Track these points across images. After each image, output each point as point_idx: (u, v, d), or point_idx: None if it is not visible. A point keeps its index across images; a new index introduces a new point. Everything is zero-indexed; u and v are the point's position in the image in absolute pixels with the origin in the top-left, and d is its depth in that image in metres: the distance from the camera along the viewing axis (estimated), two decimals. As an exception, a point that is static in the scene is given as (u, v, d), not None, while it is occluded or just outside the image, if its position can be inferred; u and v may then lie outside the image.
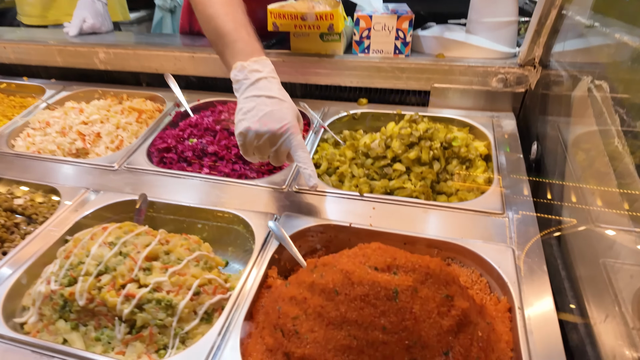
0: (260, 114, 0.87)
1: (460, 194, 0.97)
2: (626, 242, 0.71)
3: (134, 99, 1.45)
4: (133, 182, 1.07)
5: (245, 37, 0.94)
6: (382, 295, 0.59)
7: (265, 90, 0.89)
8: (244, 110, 0.89)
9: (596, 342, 0.68)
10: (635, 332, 0.60)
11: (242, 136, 0.89)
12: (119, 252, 0.76)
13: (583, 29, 1.04)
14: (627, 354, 0.63)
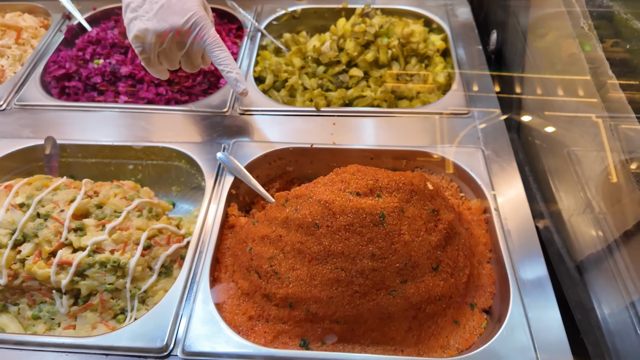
0: (156, 7, 0.68)
1: (422, 96, 0.89)
2: (593, 129, 0.70)
3: (6, 14, 1.10)
4: (31, 123, 0.85)
5: None
6: (368, 222, 0.52)
7: None
8: (133, 6, 0.69)
9: (568, 235, 0.71)
10: (610, 226, 0.61)
11: (139, 40, 0.69)
12: (35, 214, 0.61)
13: None
14: (595, 245, 0.66)
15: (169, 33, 0.68)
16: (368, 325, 0.56)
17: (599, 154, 0.69)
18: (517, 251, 0.65)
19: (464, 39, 1.01)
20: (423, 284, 0.55)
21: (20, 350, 0.56)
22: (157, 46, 0.69)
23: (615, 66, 0.69)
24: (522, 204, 0.71)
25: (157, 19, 0.67)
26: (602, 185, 0.68)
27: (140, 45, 0.69)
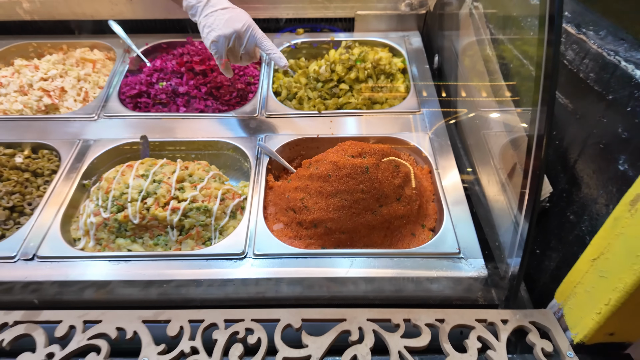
0: (223, 21, 1.06)
1: (389, 101, 1.31)
2: (495, 117, 1.13)
3: (77, 49, 1.47)
4: (119, 128, 1.21)
5: None
6: (359, 171, 0.92)
7: (218, 5, 1.09)
8: (208, 25, 1.07)
9: (481, 185, 1.12)
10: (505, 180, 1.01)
11: (214, 44, 1.07)
12: (152, 180, 0.98)
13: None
14: (496, 190, 1.06)
15: (232, 35, 1.06)
16: (361, 234, 0.96)
17: (498, 134, 1.11)
18: (450, 195, 1.05)
19: (417, 60, 1.43)
20: (392, 207, 0.95)
21: (150, 261, 0.92)
22: (226, 45, 1.07)
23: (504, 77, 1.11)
24: (453, 167, 1.12)
25: (225, 28, 1.05)
26: (500, 153, 1.10)
27: (215, 47, 1.07)
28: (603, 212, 0.78)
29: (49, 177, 1.12)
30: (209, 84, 1.29)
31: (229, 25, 1.05)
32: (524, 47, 1.11)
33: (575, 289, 0.82)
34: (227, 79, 1.30)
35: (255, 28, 1.08)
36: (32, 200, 1.06)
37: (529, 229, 0.76)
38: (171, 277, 0.90)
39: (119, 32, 1.39)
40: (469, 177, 1.16)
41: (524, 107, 1.01)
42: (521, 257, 0.81)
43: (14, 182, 1.06)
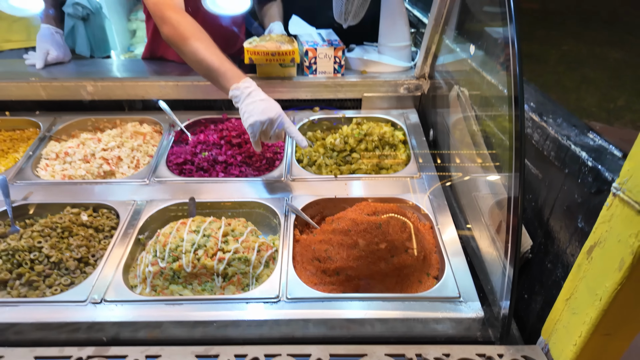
0: (260, 110, 1.33)
1: (393, 167, 1.55)
2: (482, 181, 1.36)
3: (128, 123, 1.74)
4: (167, 191, 1.44)
5: (229, 67, 1.39)
6: (373, 227, 1.13)
7: (257, 97, 1.36)
8: (248, 111, 1.34)
9: (475, 239, 1.32)
10: (494, 234, 1.22)
11: (251, 127, 1.34)
12: (203, 234, 1.18)
13: (450, 51, 1.68)
14: (487, 243, 1.27)
15: (266, 121, 1.32)
16: (376, 280, 1.14)
17: (486, 196, 1.34)
18: (449, 247, 1.25)
19: (415, 133, 1.70)
20: (401, 258, 1.15)
21: (199, 304, 1.10)
22: (261, 128, 1.33)
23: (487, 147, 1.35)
24: (450, 223, 1.33)
25: (261, 115, 1.32)
26: (489, 212, 1.31)
27: (252, 129, 1.34)
28: (571, 261, 0.98)
29: (109, 233, 1.32)
30: (243, 153, 1.54)
31: (265, 113, 1.32)
32: (502, 123, 1.37)
33: (555, 326, 0.99)
34: (258, 149, 1.55)
35: (284, 117, 1.35)
36: (96, 252, 1.25)
37: (514, 274, 0.96)
38: (217, 317, 1.07)
39: (166, 110, 1.67)
40: (464, 232, 1.36)
41: (504, 173, 1.25)
42: (509, 299, 0.99)
43: (81, 237, 1.26)
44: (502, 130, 1.31)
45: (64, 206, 1.36)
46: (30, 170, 1.50)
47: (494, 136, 1.35)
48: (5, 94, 1.75)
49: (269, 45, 1.62)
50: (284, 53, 1.63)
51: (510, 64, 0.97)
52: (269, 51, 1.61)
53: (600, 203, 0.81)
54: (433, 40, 1.61)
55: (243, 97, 1.35)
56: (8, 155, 1.62)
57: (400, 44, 1.84)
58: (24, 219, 1.36)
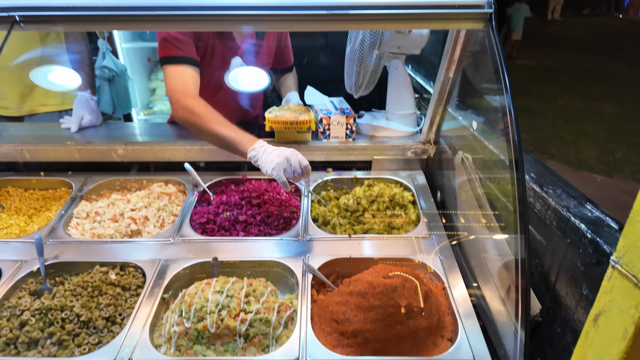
0: (276, 155, 1.50)
1: (404, 227, 1.64)
2: (490, 242, 1.43)
3: (154, 184, 1.86)
4: (191, 249, 1.52)
5: (243, 135, 1.57)
6: (389, 290, 1.19)
7: (270, 150, 1.52)
8: (267, 162, 1.51)
9: (485, 300, 1.37)
10: (504, 296, 1.28)
11: (274, 170, 1.50)
12: (226, 295, 1.24)
13: (453, 119, 1.82)
14: (498, 305, 1.32)
15: (284, 160, 1.49)
16: (393, 343, 1.18)
17: (494, 257, 1.41)
18: (461, 309, 1.30)
19: (423, 194, 1.80)
20: (417, 320, 1.20)
21: None
22: (282, 167, 1.49)
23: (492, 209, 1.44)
24: (461, 284, 1.39)
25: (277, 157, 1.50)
26: (498, 273, 1.38)
27: (276, 172, 1.50)
28: (579, 327, 1.03)
29: (135, 291, 1.38)
30: (262, 213, 1.64)
31: (280, 155, 1.49)
32: (504, 186, 1.46)
33: (569, 391, 1.02)
34: (277, 209, 1.65)
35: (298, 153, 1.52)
36: (123, 311, 1.31)
37: (526, 338, 1.00)
38: (240, 379, 1.10)
39: (191, 171, 1.79)
40: (475, 292, 1.42)
41: (510, 235, 1.32)
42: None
43: (110, 295, 1.33)
44: (505, 194, 1.41)
45: (93, 264, 1.44)
46: (62, 229, 1.59)
47: (498, 199, 1.44)
48: (43, 156, 1.89)
49: (287, 115, 1.78)
50: (301, 122, 1.78)
51: (508, 131, 1.10)
52: (287, 120, 1.76)
53: (602, 273, 0.88)
54: (437, 112, 1.76)
55: (260, 155, 1.52)
56: (41, 214, 1.73)
57: (407, 112, 1.99)
58: (55, 276, 1.44)
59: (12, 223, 1.67)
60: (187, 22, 1.29)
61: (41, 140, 1.90)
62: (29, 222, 1.69)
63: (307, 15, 1.23)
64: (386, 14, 1.23)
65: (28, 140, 1.90)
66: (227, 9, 1.25)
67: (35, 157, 1.89)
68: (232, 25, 1.43)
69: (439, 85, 1.66)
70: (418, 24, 1.30)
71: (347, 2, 1.23)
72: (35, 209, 1.75)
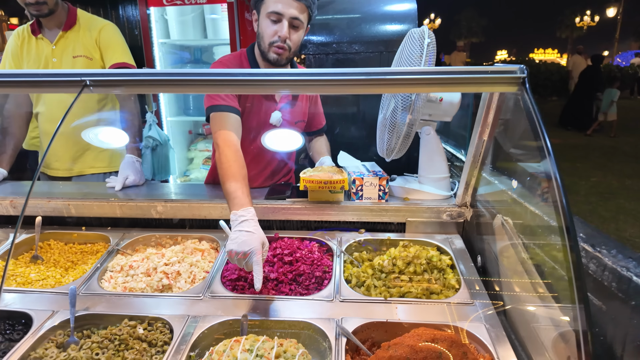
0: (240, 242, 1.45)
1: (444, 292, 1.54)
2: (541, 312, 1.32)
3: (188, 240, 1.88)
4: (220, 307, 1.47)
5: (240, 195, 1.58)
6: (434, 356, 1.09)
7: (245, 227, 1.48)
8: (231, 238, 1.47)
9: (539, 371, 1.23)
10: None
11: (228, 254, 1.46)
12: (256, 354, 1.17)
13: (489, 183, 1.80)
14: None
15: (240, 253, 1.43)
16: (439, 419, 1.05)
17: (547, 328, 1.28)
18: (514, 383, 1.16)
19: (462, 259, 1.73)
20: (464, 393, 1.07)
21: None
22: (235, 256, 1.44)
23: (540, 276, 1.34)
24: (512, 357, 1.25)
25: (237, 246, 1.44)
26: (552, 346, 1.24)
27: (228, 255, 1.46)
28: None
29: (161, 348, 1.32)
30: (294, 271, 1.60)
31: (241, 246, 1.44)
32: (552, 252, 1.39)
33: None
34: (309, 267, 1.61)
35: (256, 254, 1.43)
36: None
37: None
38: None
39: (225, 229, 1.80)
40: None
41: (563, 304, 1.22)
42: None
43: (135, 350, 1.28)
44: (554, 260, 1.33)
45: (122, 318, 1.41)
46: (96, 281, 1.60)
47: (546, 265, 1.36)
48: (87, 211, 1.98)
49: (321, 175, 1.82)
50: (334, 182, 1.81)
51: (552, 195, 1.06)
52: (321, 180, 1.81)
53: (680, 338, 0.78)
54: (472, 175, 1.76)
55: (236, 224, 1.51)
56: (77, 267, 1.75)
57: (440, 176, 2.00)
58: (83, 329, 1.41)
59: (49, 275, 1.69)
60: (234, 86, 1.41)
61: (86, 196, 2.00)
62: (65, 275, 1.71)
63: (349, 80, 1.32)
64: (422, 78, 1.31)
65: (75, 196, 2.01)
66: (270, 74, 1.37)
67: (80, 212, 1.98)
68: (274, 89, 1.55)
69: (473, 148, 1.68)
70: (453, 88, 1.37)
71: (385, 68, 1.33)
72: (72, 262, 1.79)
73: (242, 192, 1.58)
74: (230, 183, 1.60)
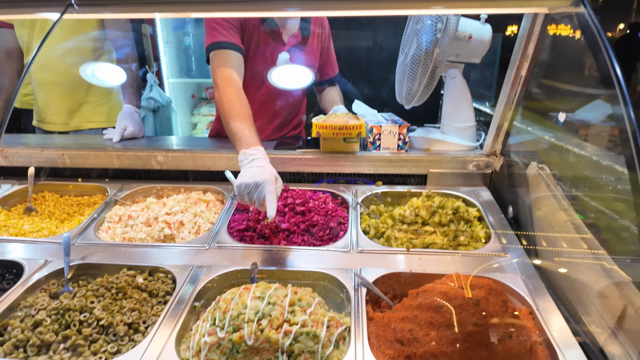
0: (251, 174, 1.31)
1: (472, 244, 1.40)
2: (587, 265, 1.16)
3: (192, 192, 1.74)
4: (227, 257, 1.34)
5: (247, 135, 1.43)
6: (471, 304, 0.96)
7: (255, 164, 1.35)
8: (242, 174, 1.34)
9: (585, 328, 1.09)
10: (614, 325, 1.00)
11: (237, 188, 1.33)
12: (268, 302, 1.04)
13: (523, 128, 1.63)
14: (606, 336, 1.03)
15: (251, 185, 1.29)
16: (476, 373, 0.92)
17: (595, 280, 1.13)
18: (558, 338, 1.03)
19: (490, 211, 1.57)
20: (506, 345, 0.94)
21: (261, 387, 0.91)
22: (245, 190, 1.31)
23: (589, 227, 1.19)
24: (554, 309, 1.11)
25: (249, 178, 1.30)
26: (600, 297, 1.10)
27: (238, 190, 1.33)
28: None
29: (162, 298, 1.21)
30: (307, 222, 1.46)
31: (252, 177, 1.31)
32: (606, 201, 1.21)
33: None
34: (323, 218, 1.47)
35: (269, 185, 1.29)
36: (147, 318, 1.13)
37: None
38: (281, 406, 0.87)
39: (231, 179, 1.66)
40: (572, 318, 1.13)
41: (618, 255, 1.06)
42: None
43: (135, 299, 1.16)
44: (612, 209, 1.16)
45: (121, 268, 1.29)
46: (92, 232, 1.48)
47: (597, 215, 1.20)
48: (83, 161, 1.84)
49: (336, 120, 1.66)
50: (351, 127, 1.65)
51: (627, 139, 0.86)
52: (336, 125, 1.64)
53: None
54: (505, 118, 1.59)
55: (246, 163, 1.37)
56: (73, 219, 1.63)
57: (465, 124, 1.83)
58: (78, 279, 1.29)
59: (43, 226, 1.57)
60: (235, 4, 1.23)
61: (83, 147, 1.86)
62: (60, 226, 1.59)
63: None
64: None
65: (70, 147, 1.87)
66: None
67: (75, 162, 1.84)
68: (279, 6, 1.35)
69: (508, 87, 1.50)
70: (495, 6, 1.18)
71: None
72: (68, 213, 1.66)
73: (249, 132, 1.43)
74: (235, 122, 1.45)
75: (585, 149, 1.28)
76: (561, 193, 1.34)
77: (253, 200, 1.33)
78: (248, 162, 1.35)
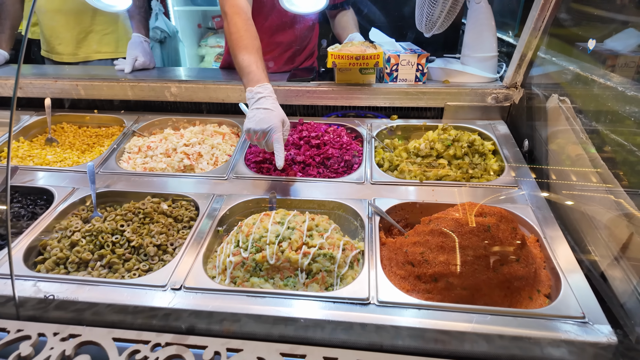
0: (258, 119, 1.31)
1: (485, 176, 1.42)
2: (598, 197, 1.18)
3: (207, 124, 1.75)
4: (246, 187, 1.39)
5: (255, 70, 1.39)
6: (481, 229, 1.00)
7: (262, 104, 1.33)
8: (249, 117, 1.34)
9: (590, 255, 1.14)
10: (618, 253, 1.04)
11: (246, 132, 1.35)
12: (287, 227, 1.10)
13: (547, 59, 1.56)
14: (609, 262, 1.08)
15: (259, 131, 1.30)
16: (482, 292, 0.99)
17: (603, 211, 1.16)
18: (562, 262, 1.08)
19: (506, 144, 1.57)
20: (512, 267, 0.99)
21: (284, 299, 1.00)
22: (253, 135, 1.32)
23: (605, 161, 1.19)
24: (560, 237, 1.16)
25: (255, 124, 1.30)
26: (607, 227, 1.14)
27: (247, 134, 1.35)
28: None
29: (187, 224, 1.28)
30: (322, 155, 1.48)
31: (259, 124, 1.30)
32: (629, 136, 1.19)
33: None
34: (338, 151, 1.49)
35: (276, 131, 1.30)
36: (174, 241, 1.21)
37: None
38: (302, 315, 0.96)
39: (246, 111, 1.65)
40: (577, 247, 1.19)
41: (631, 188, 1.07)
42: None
43: (161, 224, 1.23)
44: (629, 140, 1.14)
45: (145, 195, 1.35)
46: (114, 161, 1.53)
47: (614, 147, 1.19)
48: (97, 92, 1.84)
49: (353, 49, 1.60)
50: (368, 57, 1.60)
51: None
52: (353, 55, 1.59)
53: None
54: (530, 46, 1.51)
55: (252, 102, 1.35)
56: (93, 149, 1.67)
57: (486, 55, 1.75)
58: (105, 206, 1.36)
59: (65, 157, 1.62)
60: None
61: (95, 78, 1.85)
62: (82, 156, 1.64)
63: None
64: None
65: (83, 77, 1.85)
66: None
67: (89, 93, 1.84)
68: None
69: (536, 12, 1.41)
70: None
71: None
72: (88, 144, 1.71)
73: (257, 67, 1.39)
74: (243, 55, 1.40)
75: (611, 80, 1.24)
76: (580, 126, 1.32)
77: (262, 146, 1.35)
78: (255, 102, 1.34)
